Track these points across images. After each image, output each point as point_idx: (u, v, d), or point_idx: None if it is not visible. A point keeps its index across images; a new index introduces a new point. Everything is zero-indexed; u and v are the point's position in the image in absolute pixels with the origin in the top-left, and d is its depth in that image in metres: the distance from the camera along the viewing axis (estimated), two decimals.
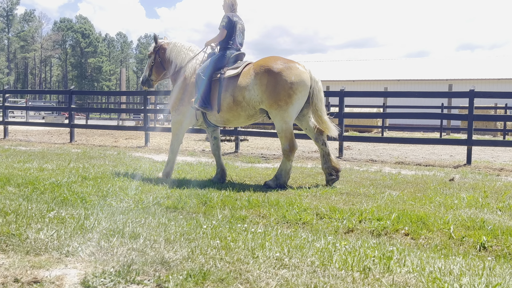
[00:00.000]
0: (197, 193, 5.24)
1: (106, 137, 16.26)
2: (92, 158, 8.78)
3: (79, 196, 5.19)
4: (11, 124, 15.55)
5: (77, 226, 3.32)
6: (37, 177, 6.18)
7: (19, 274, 2.30)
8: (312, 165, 8.72)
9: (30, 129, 20.52)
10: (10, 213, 3.68)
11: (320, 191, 5.56)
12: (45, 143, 12.87)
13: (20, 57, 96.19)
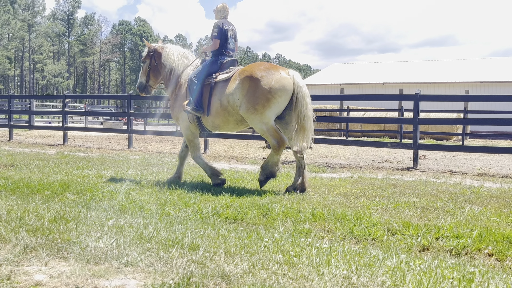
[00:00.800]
0: (257, 203, 5.29)
1: (164, 144, 16.77)
2: (150, 165, 9.09)
3: (137, 204, 5.40)
4: (70, 129, 16.42)
5: (136, 235, 3.47)
6: (96, 184, 6.50)
7: (80, 283, 2.44)
8: (383, 175, 8.55)
9: (88, 134, 21.58)
10: (70, 220, 3.90)
11: (391, 205, 5.44)
12: (104, 149, 13.48)
13: (79, 61, 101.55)
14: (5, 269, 2.65)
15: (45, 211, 4.35)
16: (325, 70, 50.86)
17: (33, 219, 3.95)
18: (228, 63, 6.99)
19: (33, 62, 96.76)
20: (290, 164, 10.38)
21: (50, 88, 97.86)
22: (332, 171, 9.26)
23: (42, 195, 5.91)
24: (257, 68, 6.39)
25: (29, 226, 3.64)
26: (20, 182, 6.58)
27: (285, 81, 6.26)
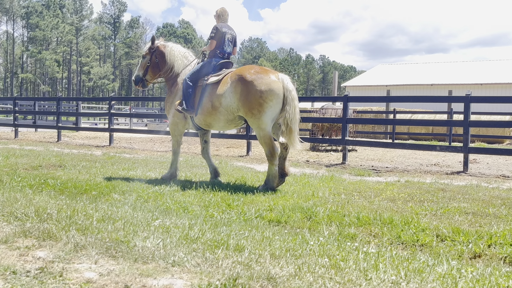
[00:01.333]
0: (301, 206, 5.29)
1: None
2: (193, 167, 9.23)
3: (182, 205, 5.49)
4: (116, 131, 16.85)
5: (182, 235, 3.54)
6: (141, 184, 6.65)
7: (129, 281, 2.51)
8: (431, 179, 8.36)
9: (133, 136, 22.08)
10: (117, 220, 4.02)
11: (440, 210, 5.32)
12: (148, 150, 13.77)
13: (124, 64, 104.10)
14: (57, 266, 2.76)
15: (93, 210, 4.49)
16: (370, 71, 50.21)
17: (82, 218, 4.08)
18: (222, 65, 7.32)
19: (80, 65, 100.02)
20: (334, 167, 10.30)
21: (96, 90, 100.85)
22: (378, 175, 9.13)
23: (90, 195, 6.10)
24: (247, 72, 6.63)
25: (78, 225, 3.77)
26: (68, 182, 6.81)
27: (275, 84, 6.49)
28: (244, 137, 13.67)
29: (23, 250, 3.08)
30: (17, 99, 19.56)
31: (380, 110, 27.21)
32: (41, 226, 3.66)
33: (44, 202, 4.88)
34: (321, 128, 15.90)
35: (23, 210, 4.29)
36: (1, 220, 3.93)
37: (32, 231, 3.50)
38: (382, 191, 6.63)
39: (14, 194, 5.37)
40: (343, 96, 11.68)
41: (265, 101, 6.41)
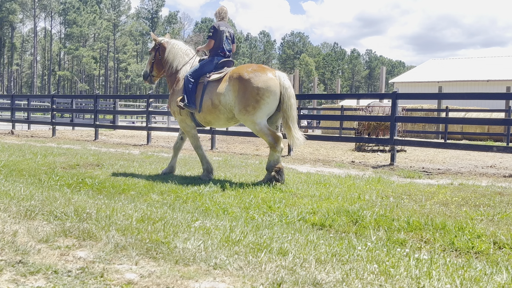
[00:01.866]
0: (346, 210, 5.25)
1: (247, 145, 17.06)
2: (233, 167, 9.29)
3: (221, 206, 5.55)
4: (153, 129, 17.15)
5: (223, 238, 3.58)
6: (179, 185, 6.75)
7: (170, 284, 2.56)
8: (487, 182, 8.14)
9: (171, 135, 22.41)
10: (157, 221, 4.10)
11: (498, 215, 5.17)
12: (186, 149, 13.94)
13: None
14: (98, 267, 2.84)
15: (132, 210, 4.60)
16: (421, 67, 49.27)
17: (121, 218, 4.19)
18: (223, 64, 7.72)
19: (117, 62, 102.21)
20: (381, 168, 10.17)
21: (133, 87, 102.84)
22: (429, 177, 8.95)
23: (128, 195, 6.24)
24: (245, 70, 7.05)
25: (118, 225, 3.86)
26: (106, 181, 6.99)
27: (272, 82, 6.90)
28: (285, 136, 13.66)
29: (64, 249, 3.19)
30: (55, 97, 20.10)
31: (431, 108, 26.68)
32: (81, 225, 3.78)
33: (83, 202, 5.03)
34: (368, 127, 15.73)
35: (63, 209, 4.43)
36: (41, 219, 4.07)
37: (72, 231, 3.61)
38: (433, 195, 6.50)
39: (53, 193, 5.56)
40: (391, 93, 11.52)
41: (262, 98, 6.84)
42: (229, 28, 7.93)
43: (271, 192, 6.36)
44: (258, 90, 6.81)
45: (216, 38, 7.70)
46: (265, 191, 6.41)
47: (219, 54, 7.73)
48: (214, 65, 7.66)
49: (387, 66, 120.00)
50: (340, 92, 58.24)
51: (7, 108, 24.57)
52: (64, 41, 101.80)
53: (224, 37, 7.76)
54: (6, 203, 4.67)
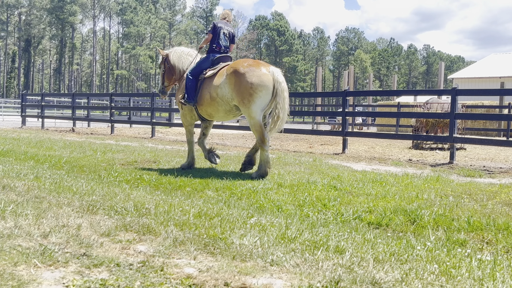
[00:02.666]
0: (403, 209, 5.15)
1: (300, 142, 17.02)
2: (286, 164, 9.30)
3: (275, 204, 5.57)
4: None
5: (278, 234, 3.61)
6: (234, 182, 6.82)
7: (228, 279, 2.61)
8: None
9: (225, 132, 22.69)
10: (214, 217, 4.17)
11: None
12: (240, 147, 14.07)
13: None
14: (158, 261, 2.92)
15: (189, 206, 4.69)
16: (481, 62, 47.60)
17: (178, 214, 4.28)
18: (219, 59, 8.27)
19: None
20: (440, 166, 9.91)
21: None
22: (490, 176, 8.65)
23: (184, 191, 6.36)
24: (241, 65, 7.52)
25: (176, 221, 3.96)
26: (163, 178, 7.15)
27: (265, 77, 7.35)
28: (339, 133, 13.54)
29: (125, 243, 3.29)
30: (113, 95, 20.74)
31: (492, 104, 25.73)
32: (140, 220, 3.89)
33: (142, 197, 5.18)
34: (426, 124, 15.35)
35: (123, 205, 4.57)
36: (103, 214, 4.22)
37: (132, 225, 3.73)
38: (495, 194, 6.28)
39: (112, 188, 5.74)
40: (451, 89, 11.19)
41: (255, 92, 7.32)
42: (229, 27, 8.49)
43: (326, 190, 6.32)
44: (252, 84, 7.30)
45: (213, 33, 8.30)
46: (319, 189, 6.39)
47: (214, 50, 8.30)
48: (210, 62, 8.25)
49: (446, 61, 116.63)
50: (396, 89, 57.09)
51: (68, 106, 25.51)
52: (121, 40, 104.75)
53: (222, 33, 8.32)
54: (69, 198, 4.87)
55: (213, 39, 8.29)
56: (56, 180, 6.09)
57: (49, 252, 2.97)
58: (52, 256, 2.90)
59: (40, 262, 2.80)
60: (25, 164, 8.24)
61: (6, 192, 5.06)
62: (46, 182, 5.90)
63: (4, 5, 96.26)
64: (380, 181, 7.23)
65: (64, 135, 17.81)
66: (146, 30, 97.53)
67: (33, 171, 6.94)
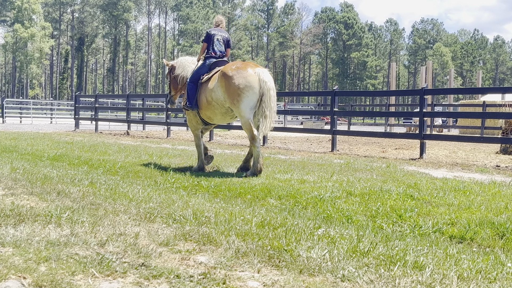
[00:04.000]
0: (490, 221, 4.99)
1: (372, 146, 16.80)
2: (356, 170, 9.20)
3: (344, 214, 5.53)
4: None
5: (349, 247, 3.59)
6: (298, 189, 6.82)
7: None
8: None
9: (288, 135, 22.72)
10: (278, 227, 4.20)
11: None
12: (304, 151, 14.06)
13: (278, 55, 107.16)
14: (220, 273, 2.98)
15: (251, 215, 4.74)
16: None
17: (240, 223, 4.34)
18: (215, 64, 9.15)
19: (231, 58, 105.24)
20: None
21: None
22: None
23: (244, 199, 6.43)
24: (229, 68, 8.46)
25: (237, 230, 4.01)
26: (222, 184, 7.26)
27: (251, 78, 8.24)
28: (416, 136, 13.28)
29: (184, 253, 3.38)
30: None
31: None
32: (200, 229, 3.97)
33: (200, 205, 5.28)
34: None
35: (181, 212, 4.69)
36: (161, 222, 4.34)
37: (192, 234, 3.82)
38: None
39: (170, 195, 5.89)
40: None
41: (242, 92, 8.19)
42: (223, 33, 9.50)
43: (401, 199, 6.22)
44: (239, 85, 8.19)
45: (207, 41, 9.33)
46: (394, 198, 6.29)
47: (210, 56, 9.26)
48: (207, 67, 9.17)
49: None
50: (481, 86, 55.25)
51: (122, 108, 26.34)
52: (177, 37, 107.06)
53: (216, 39, 9.31)
54: (126, 205, 5.04)
55: (208, 46, 9.33)
56: (112, 186, 6.31)
57: (106, 261, 3.09)
58: (110, 266, 3.02)
59: (98, 272, 2.92)
60: (79, 169, 8.60)
61: (61, 198, 5.30)
62: (101, 188, 6.13)
63: (57, 3, 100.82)
64: (463, 189, 7.03)
65: (119, 138, 18.41)
66: (203, 26, 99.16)
67: (87, 177, 7.23)
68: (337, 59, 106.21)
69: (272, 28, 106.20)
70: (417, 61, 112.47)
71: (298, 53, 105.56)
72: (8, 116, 36.91)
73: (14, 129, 22.99)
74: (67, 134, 20.15)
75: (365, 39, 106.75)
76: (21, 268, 2.93)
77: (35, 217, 4.29)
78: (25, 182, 6.38)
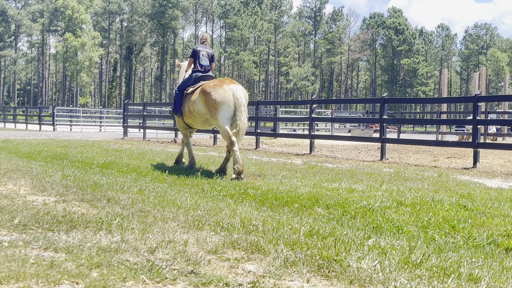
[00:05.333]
0: None
1: (423, 155, 16.52)
2: (407, 179, 9.07)
3: (395, 224, 5.46)
4: (317, 138, 17.44)
5: (401, 259, 3.54)
6: (347, 198, 6.78)
7: None
8: None
9: (335, 143, 22.58)
10: (326, 237, 4.18)
11: None
12: (352, 160, 13.95)
13: (325, 62, 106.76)
14: (269, 282, 2.99)
15: (298, 224, 4.74)
16: None
17: (288, 232, 4.35)
18: (200, 78, 10.52)
19: (278, 65, 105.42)
20: None
21: (294, 92, 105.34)
22: None
23: (291, 207, 6.44)
24: (208, 85, 9.76)
25: (285, 239, 4.02)
26: (269, 193, 7.28)
27: (226, 93, 9.48)
28: (469, 145, 13.00)
29: (233, 262, 3.41)
30: None
31: None
32: (248, 238, 4.00)
33: (248, 213, 5.31)
34: None
35: (229, 220, 4.73)
36: (209, 230, 4.40)
37: (240, 243, 3.85)
38: None
39: (217, 203, 5.95)
40: None
41: (219, 106, 9.46)
42: (208, 49, 10.91)
43: (454, 209, 6.10)
44: (215, 101, 9.45)
45: (194, 56, 10.72)
46: (446, 208, 6.18)
47: (197, 70, 10.64)
48: (193, 80, 10.54)
49: None
50: None
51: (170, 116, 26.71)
52: (224, 45, 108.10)
53: (201, 55, 10.67)
54: (174, 212, 5.12)
55: (194, 61, 10.69)
56: (160, 194, 6.43)
57: (156, 268, 3.15)
58: (160, 273, 3.08)
59: (148, 278, 2.98)
60: (127, 176, 8.79)
61: (111, 205, 5.43)
62: (150, 195, 6.25)
63: (107, 12, 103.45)
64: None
65: (166, 146, 18.71)
66: (250, 33, 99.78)
67: (136, 184, 7.39)
68: (386, 65, 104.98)
69: (319, 35, 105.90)
70: (469, 67, 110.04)
71: (346, 60, 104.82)
72: (58, 124, 37.99)
73: (64, 137, 23.68)
74: (115, 142, 20.61)
75: (416, 45, 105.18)
76: (73, 273, 3.02)
77: (86, 224, 4.41)
78: (76, 189, 6.57)
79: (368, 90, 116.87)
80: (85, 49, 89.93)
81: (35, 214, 4.76)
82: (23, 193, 6.13)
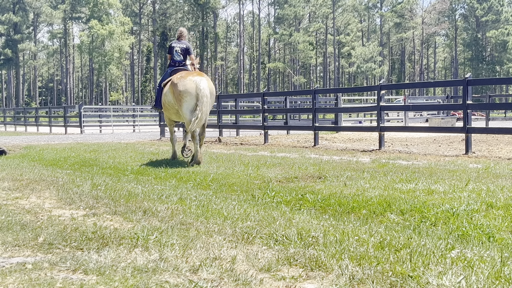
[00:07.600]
0: None
1: None
2: (498, 177, 8.87)
3: (484, 231, 5.35)
4: (387, 130, 17.20)
5: (491, 273, 3.48)
6: (425, 202, 6.68)
7: None
8: None
9: (410, 136, 22.22)
10: (400, 249, 4.14)
11: None
12: (431, 155, 13.72)
13: (394, 39, 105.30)
14: None
15: (367, 234, 4.71)
16: None
17: (354, 244, 4.32)
18: (174, 72, 12.63)
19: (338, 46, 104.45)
20: None
21: (358, 77, 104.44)
22: None
23: (358, 214, 6.38)
24: (176, 77, 11.96)
25: (350, 253, 4.00)
26: (331, 198, 7.24)
27: (189, 85, 11.60)
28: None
29: (289, 281, 3.41)
30: (266, 95, 21.22)
31: None
32: (307, 252, 4.00)
33: (306, 223, 5.31)
34: None
35: (283, 232, 4.74)
36: (260, 243, 4.42)
37: (297, 258, 3.85)
38: None
39: (270, 212, 5.97)
40: None
41: (182, 97, 11.59)
42: (181, 44, 13.29)
43: None
44: (180, 91, 11.59)
45: (170, 52, 13.21)
46: None
47: (171, 65, 13.10)
48: (168, 74, 12.80)
49: None
50: None
51: (213, 111, 26.90)
52: (274, 25, 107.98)
53: (175, 51, 13.08)
54: (220, 224, 5.17)
55: (171, 57, 13.09)
56: (203, 203, 6.50)
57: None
58: None
59: None
60: (166, 183, 8.92)
61: (147, 218, 5.53)
62: (192, 205, 6.33)
63: None
64: None
65: (209, 146, 18.89)
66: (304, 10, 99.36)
67: (176, 192, 7.49)
68: (469, 40, 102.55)
69: (386, 7, 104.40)
70: None
71: (420, 35, 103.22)
72: (86, 125, 38.71)
73: (93, 140, 24.22)
74: (151, 143, 20.92)
75: (505, 13, 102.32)
76: None
77: (120, 240, 4.51)
78: (107, 200, 6.72)
79: (448, 70, 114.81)
80: (113, 37, 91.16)
81: (61, 230, 4.89)
82: (48, 207, 6.32)
